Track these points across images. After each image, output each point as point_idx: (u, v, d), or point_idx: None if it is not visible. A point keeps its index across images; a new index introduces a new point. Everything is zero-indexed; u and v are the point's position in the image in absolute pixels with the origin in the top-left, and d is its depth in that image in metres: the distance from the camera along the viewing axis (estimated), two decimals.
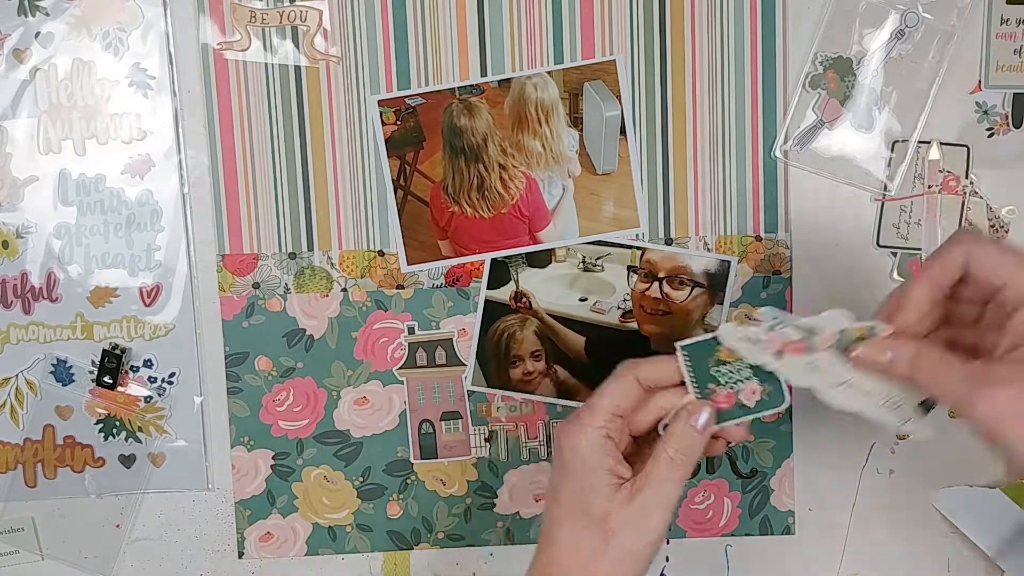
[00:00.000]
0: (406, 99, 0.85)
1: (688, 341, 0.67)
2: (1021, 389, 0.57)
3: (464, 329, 0.87)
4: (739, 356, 0.66)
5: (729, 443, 0.71)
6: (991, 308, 0.63)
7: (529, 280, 0.87)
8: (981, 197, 0.86)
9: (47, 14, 0.83)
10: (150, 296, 0.86)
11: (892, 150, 0.85)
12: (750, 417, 0.69)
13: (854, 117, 0.85)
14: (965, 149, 0.85)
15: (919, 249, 0.86)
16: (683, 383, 0.68)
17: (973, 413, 0.58)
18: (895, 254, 0.87)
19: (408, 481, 0.89)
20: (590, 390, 0.69)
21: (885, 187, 0.86)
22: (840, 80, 0.85)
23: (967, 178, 0.86)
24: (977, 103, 0.86)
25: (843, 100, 0.85)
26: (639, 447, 0.70)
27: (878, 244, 0.87)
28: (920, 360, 0.62)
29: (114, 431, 0.87)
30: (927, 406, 0.66)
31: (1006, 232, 0.87)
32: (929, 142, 0.85)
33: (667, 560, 0.90)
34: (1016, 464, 0.61)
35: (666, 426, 0.68)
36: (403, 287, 0.87)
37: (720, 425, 0.68)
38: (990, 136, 0.86)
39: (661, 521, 0.66)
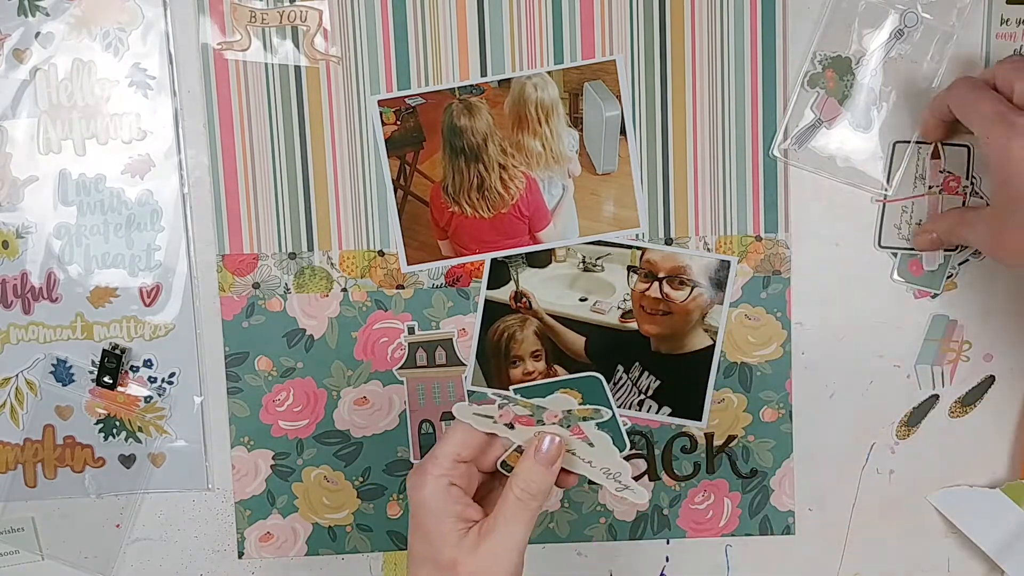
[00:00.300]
0: (406, 99, 0.85)
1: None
2: None
3: (464, 329, 0.87)
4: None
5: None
6: None
7: (529, 280, 0.87)
8: (982, 197, 0.86)
9: (47, 14, 0.83)
10: (150, 296, 0.86)
11: (892, 151, 0.85)
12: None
13: (852, 116, 0.85)
14: (966, 149, 0.85)
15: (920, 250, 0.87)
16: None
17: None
18: (896, 255, 0.87)
19: None
20: None
21: (884, 187, 0.86)
22: (839, 79, 0.85)
23: (968, 179, 0.86)
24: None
25: (842, 99, 0.85)
26: (492, 482, 0.72)
27: (879, 245, 0.87)
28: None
29: (114, 431, 0.87)
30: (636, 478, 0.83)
31: None
32: (931, 142, 0.85)
33: (667, 560, 0.91)
34: None
35: (503, 463, 0.70)
36: (403, 287, 0.87)
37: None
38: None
39: (511, 562, 0.66)
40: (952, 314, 0.88)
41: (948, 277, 0.87)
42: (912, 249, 0.86)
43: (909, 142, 0.85)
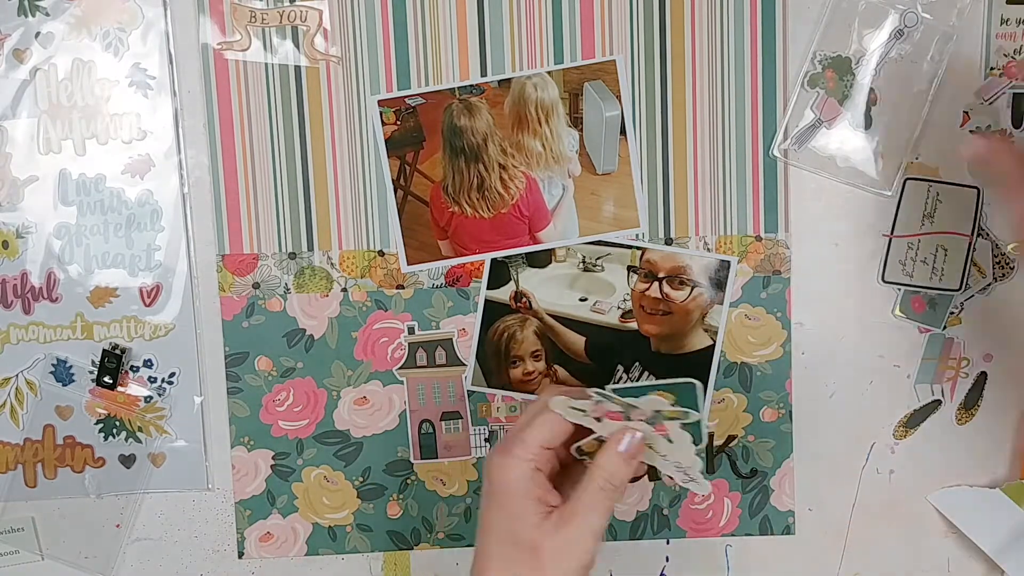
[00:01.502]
0: (406, 99, 0.85)
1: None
2: None
3: (464, 329, 0.87)
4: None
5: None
6: None
7: (529, 280, 0.87)
8: (988, 237, 0.86)
9: (47, 14, 0.83)
10: (150, 296, 0.86)
11: (903, 188, 0.86)
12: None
13: (852, 117, 0.85)
14: (975, 191, 0.86)
15: (923, 287, 0.86)
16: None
17: None
18: (899, 290, 0.87)
19: (408, 481, 0.89)
20: None
21: (884, 189, 0.86)
22: (839, 79, 0.85)
23: (976, 218, 0.86)
24: (971, 132, 0.86)
25: (841, 99, 0.85)
26: (566, 469, 0.72)
27: (883, 279, 0.87)
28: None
29: (114, 431, 0.87)
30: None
31: (1012, 269, 0.87)
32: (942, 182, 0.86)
33: (667, 560, 0.91)
34: None
35: (579, 448, 0.71)
36: (403, 287, 0.87)
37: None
38: None
39: (590, 549, 0.68)
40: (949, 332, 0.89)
41: (951, 314, 0.87)
42: (914, 286, 0.86)
43: (921, 179, 0.85)
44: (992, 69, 0.85)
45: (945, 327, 0.88)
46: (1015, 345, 0.88)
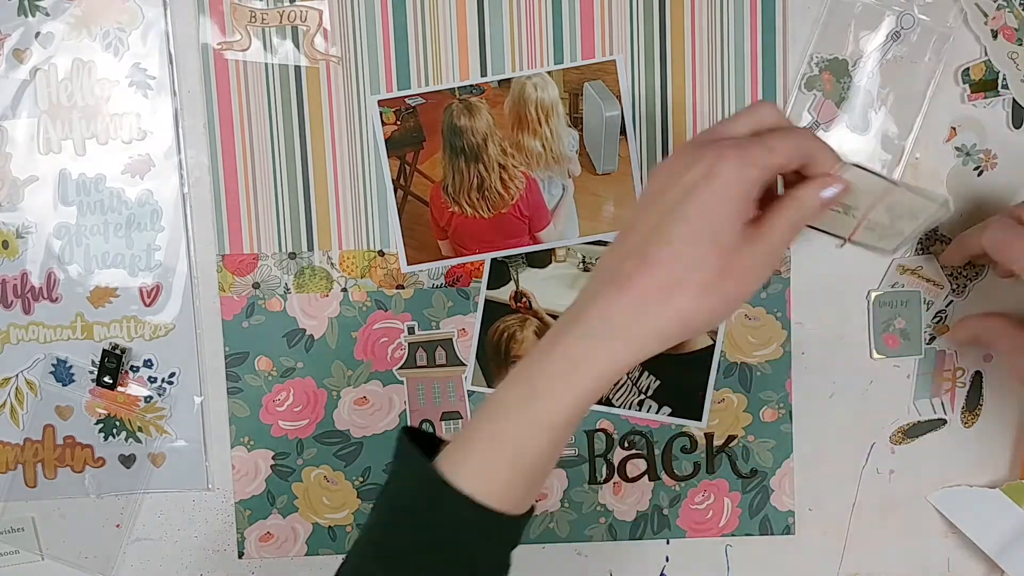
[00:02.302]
0: (406, 99, 0.85)
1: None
2: None
3: (464, 329, 0.87)
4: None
5: None
6: None
7: (529, 280, 0.87)
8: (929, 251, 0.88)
9: (47, 14, 0.83)
10: (150, 296, 0.86)
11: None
12: None
13: (850, 119, 0.86)
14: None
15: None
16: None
17: None
18: (871, 333, 0.88)
19: None
20: None
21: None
22: (836, 82, 0.85)
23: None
24: (956, 148, 0.86)
25: (839, 102, 0.85)
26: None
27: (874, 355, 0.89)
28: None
29: (114, 431, 0.87)
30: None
31: (983, 267, 0.87)
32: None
33: (667, 560, 0.90)
34: None
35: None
36: (403, 287, 0.87)
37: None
38: (979, 175, 0.87)
39: (766, 275, 0.64)
40: (939, 344, 0.89)
41: (938, 321, 0.88)
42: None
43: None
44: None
45: (933, 339, 0.88)
46: None
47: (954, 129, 0.86)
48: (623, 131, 0.85)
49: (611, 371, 0.62)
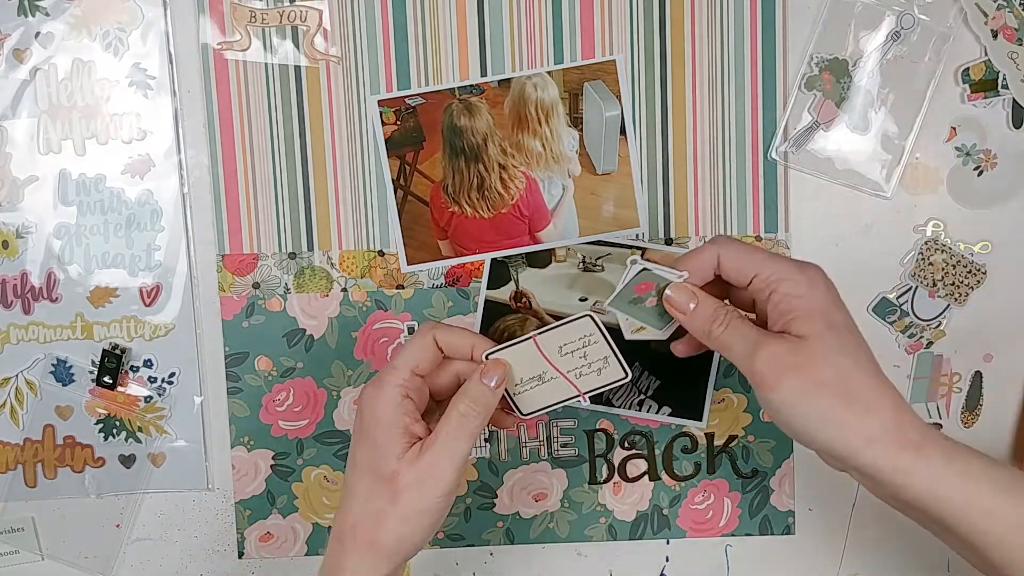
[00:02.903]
0: (406, 99, 0.85)
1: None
2: (783, 352, 0.64)
3: None
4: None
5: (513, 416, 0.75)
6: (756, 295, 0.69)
7: (529, 280, 0.87)
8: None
9: (47, 14, 0.83)
10: (150, 296, 0.86)
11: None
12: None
13: (850, 119, 0.86)
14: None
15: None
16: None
17: (751, 367, 0.64)
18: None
19: None
20: None
21: (882, 191, 0.86)
22: (836, 82, 0.85)
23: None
24: (956, 148, 0.86)
25: (839, 102, 0.85)
26: (439, 408, 0.73)
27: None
28: (717, 320, 0.68)
29: (114, 431, 0.87)
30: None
31: (984, 274, 0.88)
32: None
33: (667, 560, 0.91)
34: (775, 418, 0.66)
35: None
36: (403, 287, 0.87)
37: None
38: (979, 175, 0.87)
39: (450, 477, 0.68)
40: (937, 349, 0.89)
41: (935, 328, 0.88)
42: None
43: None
44: None
45: (931, 344, 0.88)
46: (1008, 343, 0.88)
47: (954, 129, 0.86)
48: (623, 131, 0.85)
49: None
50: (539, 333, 0.72)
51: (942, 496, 0.63)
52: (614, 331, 0.73)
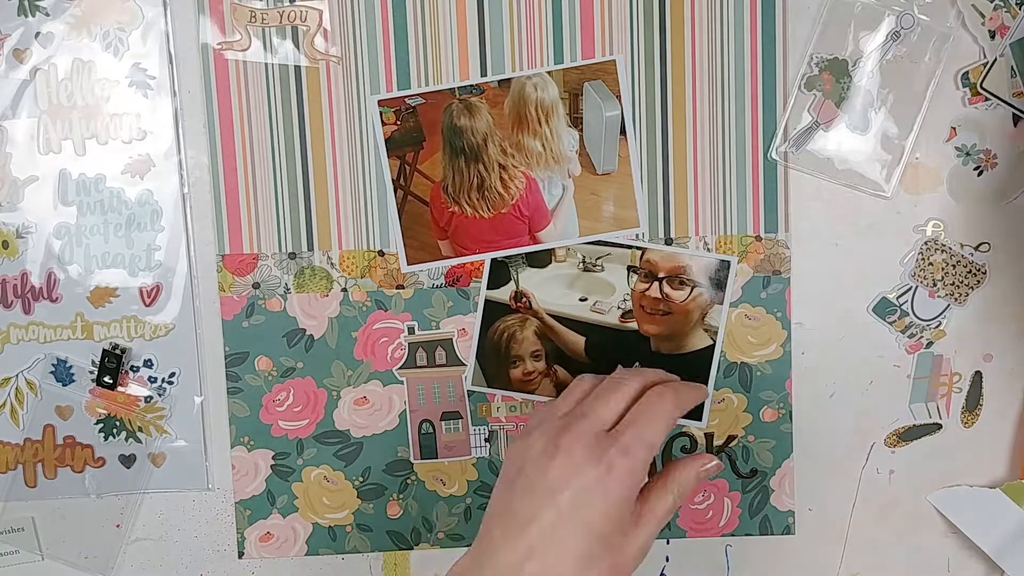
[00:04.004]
0: (406, 99, 0.85)
1: None
2: None
3: (464, 329, 0.87)
4: None
5: None
6: None
7: (529, 280, 0.87)
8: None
9: (47, 14, 0.83)
10: (150, 296, 0.86)
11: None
12: None
13: (850, 119, 0.86)
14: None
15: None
16: None
17: None
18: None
19: (408, 481, 0.89)
20: None
21: (883, 190, 0.86)
22: (836, 82, 0.85)
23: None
24: (956, 148, 0.86)
25: (839, 102, 0.85)
26: None
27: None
28: None
29: (114, 431, 0.87)
30: None
31: (984, 274, 0.88)
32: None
33: (667, 560, 0.91)
34: None
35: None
36: (403, 287, 0.87)
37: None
38: (979, 175, 0.87)
39: (648, 550, 0.70)
40: (937, 349, 0.89)
41: (934, 328, 0.88)
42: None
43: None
44: None
45: (931, 344, 0.88)
46: (1008, 343, 0.88)
47: (954, 129, 0.86)
48: (623, 131, 0.85)
49: None
50: None
51: None
52: None
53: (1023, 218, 0.87)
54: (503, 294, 0.87)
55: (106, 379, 0.85)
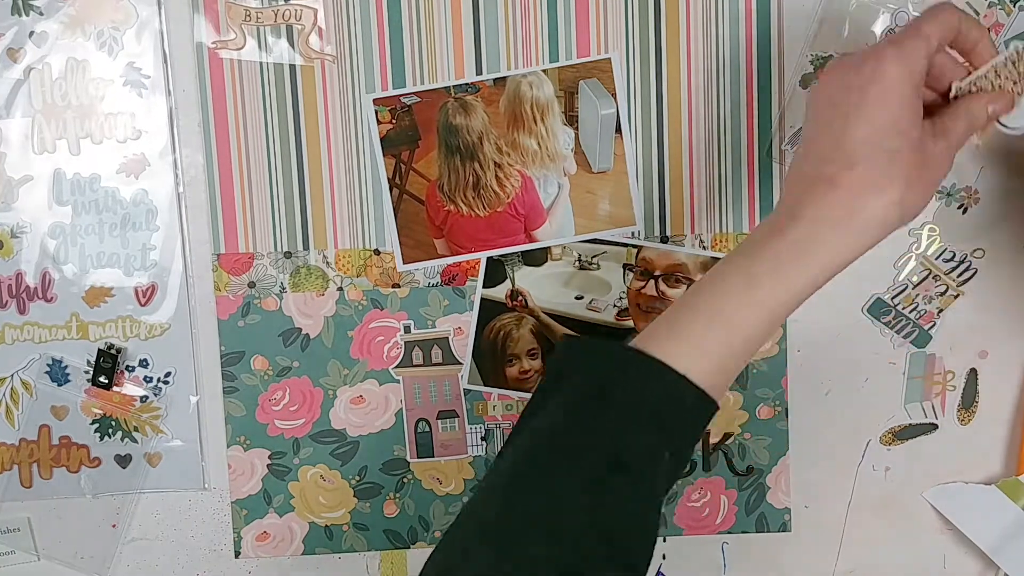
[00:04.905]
0: (401, 97, 0.85)
1: None
2: None
3: (460, 328, 0.87)
4: None
5: None
6: None
7: (525, 278, 0.87)
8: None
9: (41, 13, 0.83)
10: (145, 296, 0.86)
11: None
12: None
13: None
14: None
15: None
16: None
17: None
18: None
19: (404, 480, 0.89)
20: None
21: None
22: None
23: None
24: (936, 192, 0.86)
25: None
26: None
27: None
28: None
29: (110, 431, 0.87)
30: None
31: (974, 271, 0.88)
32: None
33: (664, 558, 0.91)
34: None
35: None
36: (399, 286, 0.87)
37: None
38: (964, 212, 0.87)
39: (949, 167, 0.66)
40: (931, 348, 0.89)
41: (931, 327, 0.88)
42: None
43: None
44: None
45: (924, 343, 0.88)
46: (1002, 340, 0.88)
47: None
48: (618, 129, 0.85)
49: (837, 261, 0.63)
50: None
51: None
52: None
53: (1016, 220, 0.87)
54: (499, 292, 0.87)
55: (101, 379, 0.85)
